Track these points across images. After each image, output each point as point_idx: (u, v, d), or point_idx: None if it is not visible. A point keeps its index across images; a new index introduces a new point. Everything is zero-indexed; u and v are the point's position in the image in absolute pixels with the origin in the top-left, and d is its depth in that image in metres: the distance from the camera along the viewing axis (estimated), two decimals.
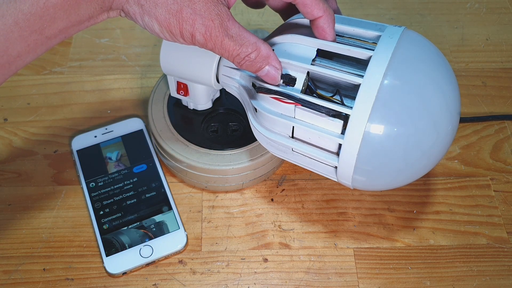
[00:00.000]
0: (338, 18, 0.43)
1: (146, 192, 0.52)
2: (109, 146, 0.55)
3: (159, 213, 0.51)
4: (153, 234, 0.50)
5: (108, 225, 0.50)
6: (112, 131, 0.56)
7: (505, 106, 0.62)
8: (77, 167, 0.54)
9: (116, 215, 0.51)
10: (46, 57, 0.66)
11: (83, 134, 0.56)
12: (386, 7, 0.73)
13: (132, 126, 0.57)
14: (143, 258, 0.48)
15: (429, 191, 0.55)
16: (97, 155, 0.55)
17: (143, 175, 0.53)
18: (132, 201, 0.52)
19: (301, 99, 0.40)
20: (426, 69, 0.40)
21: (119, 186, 0.53)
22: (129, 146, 0.55)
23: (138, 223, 0.50)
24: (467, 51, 0.68)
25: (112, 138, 0.56)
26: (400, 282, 0.49)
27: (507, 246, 0.51)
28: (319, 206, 0.54)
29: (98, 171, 0.54)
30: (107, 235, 0.50)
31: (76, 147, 0.55)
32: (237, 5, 0.73)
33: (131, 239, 0.49)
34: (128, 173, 0.54)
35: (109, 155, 0.55)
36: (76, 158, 0.55)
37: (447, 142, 0.42)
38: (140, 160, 0.55)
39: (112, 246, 0.49)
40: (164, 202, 0.52)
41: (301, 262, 0.50)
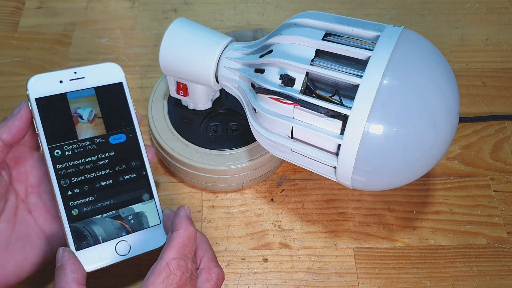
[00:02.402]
0: (338, 18, 0.43)
1: (124, 172, 0.42)
2: (79, 99, 0.42)
3: (139, 202, 0.42)
4: (131, 227, 0.41)
5: (78, 210, 0.40)
6: (83, 77, 0.42)
7: (505, 106, 0.62)
8: (36, 123, 0.40)
9: (88, 198, 0.41)
10: (46, 57, 0.66)
11: (44, 74, 0.41)
12: (386, 7, 0.73)
13: (109, 76, 0.43)
14: (118, 256, 0.40)
15: (429, 191, 0.55)
16: (63, 110, 0.41)
17: (122, 149, 0.43)
18: (107, 182, 0.42)
19: (300, 100, 0.40)
20: (425, 69, 0.40)
21: (92, 159, 0.41)
22: (105, 104, 0.43)
23: (114, 211, 0.41)
24: (467, 51, 0.68)
25: (83, 89, 0.42)
26: (400, 282, 0.49)
27: (507, 246, 0.51)
28: (319, 206, 0.54)
29: (65, 133, 0.41)
30: (77, 224, 0.40)
31: (34, 92, 0.40)
32: (237, 5, 0.73)
33: (105, 231, 0.41)
34: (103, 142, 0.42)
35: (80, 112, 0.42)
36: (35, 110, 0.40)
37: (446, 142, 0.42)
38: (118, 127, 0.43)
39: (83, 238, 0.40)
40: (145, 189, 0.43)
41: (301, 262, 0.50)
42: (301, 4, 0.73)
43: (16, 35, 0.69)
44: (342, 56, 0.42)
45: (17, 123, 0.39)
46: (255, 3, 0.73)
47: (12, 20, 0.70)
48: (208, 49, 0.47)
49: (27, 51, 0.67)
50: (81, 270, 0.37)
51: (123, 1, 0.73)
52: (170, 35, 0.48)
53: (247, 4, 0.73)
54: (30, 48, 0.67)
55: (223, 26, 0.70)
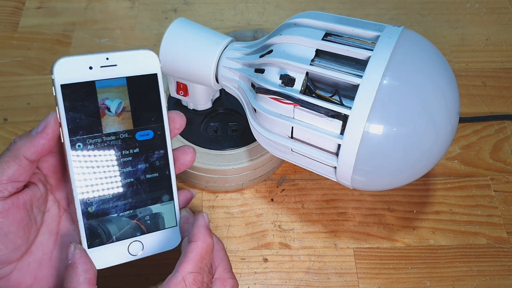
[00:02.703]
0: (338, 18, 0.43)
1: (147, 171, 0.40)
2: (108, 89, 0.38)
3: (158, 203, 0.40)
4: (146, 227, 0.40)
5: (95, 207, 0.38)
6: (115, 65, 0.38)
7: (505, 106, 0.62)
8: (60, 112, 0.36)
9: (107, 196, 0.38)
10: (46, 57, 0.66)
11: (72, 57, 0.37)
12: (386, 7, 0.73)
13: (144, 65, 0.39)
14: (130, 256, 0.39)
15: (429, 191, 0.55)
16: (90, 99, 0.37)
17: (147, 146, 0.40)
18: (128, 180, 0.39)
19: (300, 100, 0.40)
20: (425, 69, 0.40)
21: (115, 155, 0.39)
22: (136, 97, 0.39)
23: (131, 211, 0.39)
24: (467, 51, 0.68)
25: (114, 78, 0.38)
26: (400, 282, 0.49)
27: (507, 246, 0.51)
28: (319, 206, 0.54)
29: (90, 126, 0.38)
30: (93, 221, 0.38)
31: (60, 77, 0.36)
32: (237, 5, 0.73)
33: (120, 230, 0.39)
34: (128, 138, 0.39)
35: (108, 103, 0.38)
36: (59, 97, 0.36)
37: (446, 142, 0.42)
38: (146, 123, 0.39)
39: (97, 236, 0.38)
40: (166, 190, 0.40)
41: (301, 262, 0.50)
42: (301, 4, 0.73)
43: (16, 35, 0.69)
44: (342, 56, 0.42)
45: (43, 142, 0.36)
46: (255, 3, 0.73)
47: (12, 20, 0.71)
48: (208, 49, 0.47)
49: (27, 51, 0.67)
50: (93, 269, 0.35)
51: (123, 1, 0.73)
52: (170, 35, 0.48)
53: (247, 4, 0.73)
54: (30, 48, 0.67)
55: (223, 26, 0.70)
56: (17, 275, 0.37)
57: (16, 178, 0.35)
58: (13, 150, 0.35)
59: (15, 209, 0.36)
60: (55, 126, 0.36)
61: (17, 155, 0.35)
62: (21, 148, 0.35)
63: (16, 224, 0.36)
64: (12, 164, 0.35)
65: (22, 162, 0.35)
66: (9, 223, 0.35)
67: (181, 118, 0.41)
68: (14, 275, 0.37)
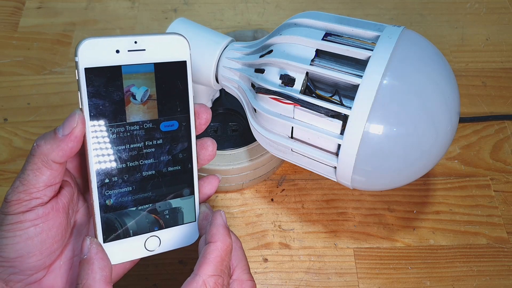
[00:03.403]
0: (338, 18, 0.43)
1: (169, 163, 0.38)
2: (134, 75, 0.36)
3: (178, 197, 0.38)
4: (165, 222, 0.38)
5: (113, 200, 0.36)
6: (143, 49, 0.36)
7: (505, 106, 0.62)
8: (82, 97, 0.34)
9: (126, 189, 0.36)
10: (46, 57, 0.66)
11: (98, 39, 0.34)
12: (386, 7, 0.73)
13: (173, 51, 0.37)
14: (146, 251, 0.37)
15: (429, 191, 0.55)
16: (115, 86, 0.35)
17: (171, 138, 0.38)
18: (149, 172, 0.37)
19: (300, 100, 0.40)
20: (425, 69, 0.40)
21: (137, 146, 0.36)
22: (163, 85, 0.37)
23: (150, 204, 0.37)
24: (467, 51, 0.68)
25: (141, 63, 0.36)
26: (400, 282, 0.49)
27: (507, 246, 0.51)
28: (319, 206, 0.54)
29: (113, 114, 0.35)
30: (110, 214, 0.36)
31: (84, 60, 0.34)
32: (237, 5, 0.73)
33: (137, 225, 0.37)
34: (152, 128, 0.37)
35: (133, 90, 0.36)
36: (82, 82, 0.34)
37: (446, 142, 0.42)
38: (172, 113, 0.37)
39: (113, 230, 0.36)
40: (187, 184, 0.39)
41: (301, 262, 0.50)
42: (301, 4, 0.73)
43: (16, 35, 0.69)
44: (342, 56, 0.42)
45: (71, 145, 0.34)
46: (255, 3, 0.73)
47: (12, 20, 0.71)
48: (208, 49, 0.47)
49: (27, 51, 0.67)
50: (109, 266, 0.34)
51: (123, 1, 0.73)
52: None
53: (247, 4, 0.73)
54: (30, 48, 0.67)
55: (223, 26, 0.70)
56: (49, 279, 0.36)
57: (52, 182, 0.34)
58: (40, 156, 0.33)
59: (55, 213, 0.34)
60: (83, 127, 0.34)
61: (46, 160, 0.33)
62: (49, 153, 0.33)
63: (55, 228, 0.35)
64: (44, 170, 0.33)
65: (52, 166, 0.34)
66: (48, 229, 0.34)
67: (207, 112, 0.39)
68: (46, 280, 0.36)
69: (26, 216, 0.33)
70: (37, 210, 0.34)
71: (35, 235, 0.34)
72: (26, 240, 0.33)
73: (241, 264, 0.37)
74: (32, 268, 0.34)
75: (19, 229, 0.33)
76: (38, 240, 0.34)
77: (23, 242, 0.33)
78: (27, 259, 0.34)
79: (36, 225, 0.34)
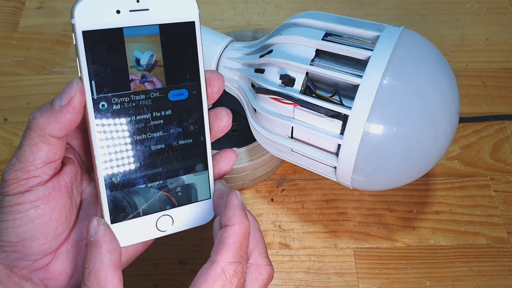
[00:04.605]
0: (338, 18, 0.43)
1: (180, 136, 0.35)
2: (137, 38, 0.32)
3: (191, 172, 0.35)
4: (177, 200, 0.35)
5: (119, 177, 0.33)
6: (146, 9, 0.32)
7: (505, 106, 0.62)
8: (81, 64, 0.31)
9: (134, 164, 0.33)
10: (46, 57, 0.66)
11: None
12: (386, 7, 0.73)
13: (179, 11, 0.33)
14: (158, 232, 0.34)
15: (429, 191, 0.55)
16: (116, 50, 0.32)
17: (181, 108, 0.34)
18: (158, 146, 0.34)
19: (300, 100, 0.41)
20: (425, 69, 0.40)
21: (144, 118, 0.33)
22: (169, 49, 0.33)
23: (161, 181, 0.34)
24: (467, 51, 0.68)
25: (145, 25, 0.32)
26: (400, 282, 0.49)
27: (507, 246, 0.51)
28: (319, 206, 0.54)
29: (116, 82, 0.32)
30: (117, 192, 0.33)
31: (82, 23, 0.30)
32: (237, 5, 0.73)
33: (147, 204, 0.34)
34: (160, 98, 0.33)
35: (137, 54, 0.32)
36: (80, 46, 0.31)
37: (446, 142, 0.42)
38: (180, 80, 0.34)
39: (122, 210, 0.33)
40: (200, 158, 0.36)
41: (301, 262, 0.50)
42: (301, 4, 0.73)
43: (16, 35, 0.69)
44: (342, 56, 0.42)
45: (69, 117, 0.30)
46: (255, 3, 0.73)
47: (12, 20, 0.70)
48: (208, 49, 0.47)
49: (27, 51, 0.67)
50: (118, 249, 0.31)
51: None
52: None
53: (247, 4, 0.73)
54: (30, 48, 0.67)
55: (223, 26, 0.70)
56: (57, 264, 0.34)
57: (51, 159, 0.31)
58: (37, 130, 0.31)
59: (57, 193, 0.32)
60: (82, 97, 0.31)
61: (43, 134, 0.30)
62: (46, 126, 0.30)
63: (58, 210, 0.32)
64: (41, 145, 0.31)
65: (50, 141, 0.31)
66: (50, 210, 0.32)
67: (220, 79, 0.35)
68: (53, 265, 0.33)
69: (25, 197, 0.31)
70: (36, 191, 0.31)
71: (36, 217, 0.31)
72: (27, 223, 0.31)
73: (258, 247, 0.34)
74: (36, 253, 0.32)
75: (18, 211, 0.31)
76: (40, 222, 0.31)
77: (24, 225, 0.31)
78: (30, 243, 0.32)
79: (37, 207, 0.31)
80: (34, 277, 0.33)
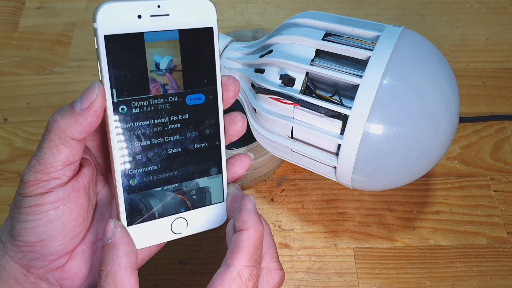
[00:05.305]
0: (338, 18, 0.43)
1: (196, 140, 0.35)
2: (158, 43, 0.33)
3: (205, 176, 0.36)
4: (192, 203, 0.35)
5: (137, 180, 0.34)
6: (167, 14, 0.32)
7: (505, 106, 0.62)
8: (101, 68, 0.31)
9: (151, 168, 0.34)
10: (46, 57, 0.66)
11: (118, 2, 0.31)
12: (386, 7, 0.73)
13: (198, 16, 0.34)
14: (173, 234, 0.35)
15: (429, 191, 0.55)
16: (137, 55, 0.32)
17: (197, 112, 0.35)
18: (175, 150, 0.35)
19: (300, 100, 0.40)
20: (425, 69, 0.40)
21: (162, 121, 0.34)
22: (188, 54, 0.34)
23: (176, 184, 0.35)
24: (467, 51, 0.68)
25: (165, 30, 0.33)
26: (400, 282, 0.49)
27: (507, 246, 0.51)
28: (319, 206, 0.54)
29: (136, 86, 0.32)
30: (134, 195, 0.33)
31: (104, 27, 0.31)
32: (237, 5, 0.73)
33: (163, 206, 0.35)
34: (178, 102, 0.34)
35: (156, 59, 0.33)
36: (102, 50, 0.31)
37: (446, 142, 0.42)
38: (198, 85, 0.34)
39: (138, 212, 0.34)
40: (215, 161, 0.36)
41: (301, 262, 0.50)
42: (301, 4, 0.73)
43: (16, 35, 0.69)
44: (342, 56, 0.42)
45: (90, 120, 0.31)
46: (255, 3, 0.73)
47: (12, 20, 0.70)
48: None
49: (27, 51, 0.67)
50: (134, 252, 0.31)
51: None
52: None
53: (247, 4, 0.73)
54: (30, 48, 0.67)
55: (223, 26, 0.70)
56: (73, 265, 0.34)
57: (71, 160, 0.31)
58: (57, 132, 0.31)
59: (76, 194, 0.32)
60: (103, 100, 0.31)
61: (63, 137, 0.31)
62: (66, 129, 0.31)
63: (77, 210, 0.32)
64: (61, 147, 0.31)
65: (71, 143, 0.31)
66: (69, 211, 0.32)
67: (235, 84, 0.36)
68: (70, 265, 0.34)
69: (45, 198, 0.31)
70: (57, 192, 0.31)
71: (55, 218, 0.31)
72: (46, 223, 0.31)
73: (270, 252, 0.34)
74: (54, 253, 0.32)
75: (38, 212, 0.31)
76: (60, 223, 0.32)
77: (44, 225, 0.31)
78: (48, 244, 0.32)
79: (56, 208, 0.31)
80: (50, 277, 0.33)
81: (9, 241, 0.32)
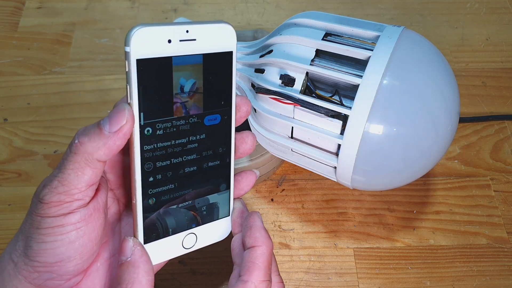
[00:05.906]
0: (338, 18, 0.43)
1: (209, 158, 0.36)
2: (183, 67, 0.33)
3: (215, 192, 0.37)
4: (202, 218, 0.37)
5: (155, 199, 0.34)
6: (194, 39, 0.33)
7: (505, 106, 0.62)
8: (131, 91, 0.31)
9: (169, 186, 0.35)
10: (46, 57, 0.66)
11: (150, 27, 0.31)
12: (386, 7, 0.73)
13: (221, 41, 0.34)
14: (183, 249, 0.36)
15: (429, 191, 0.55)
16: (165, 78, 0.32)
17: (213, 132, 0.36)
18: (191, 168, 0.35)
19: (300, 100, 0.40)
20: (425, 69, 0.40)
21: (182, 142, 0.34)
22: (210, 77, 0.34)
23: (190, 201, 0.36)
24: (467, 51, 0.68)
25: (192, 54, 0.33)
26: (400, 282, 0.49)
27: (507, 246, 0.51)
28: (319, 206, 0.54)
29: (161, 108, 0.33)
30: (152, 214, 0.34)
31: (137, 51, 0.31)
32: (237, 5, 0.73)
33: (177, 223, 0.35)
34: (197, 123, 0.35)
35: (181, 82, 0.33)
36: (133, 74, 0.31)
37: (446, 142, 0.42)
38: (215, 106, 0.35)
39: (154, 230, 0.34)
40: (224, 178, 0.37)
41: (301, 262, 0.50)
42: (301, 4, 0.73)
43: (16, 35, 0.69)
44: (342, 56, 0.42)
45: (119, 143, 0.31)
46: (255, 3, 0.73)
47: (12, 20, 0.70)
48: None
49: (27, 51, 0.67)
50: (152, 269, 0.32)
51: (123, 1, 0.73)
52: None
53: (247, 4, 0.73)
54: (30, 48, 0.67)
55: None
56: (87, 283, 0.34)
57: (93, 181, 0.31)
58: (84, 154, 0.30)
59: (97, 214, 0.32)
60: (132, 124, 0.31)
61: (90, 159, 0.31)
62: (94, 152, 0.30)
63: (96, 230, 0.32)
64: (86, 169, 0.31)
65: (96, 165, 0.31)
66: (89, 231, 0.32)
67: (247, 104, 0.37)
68: (84, 284, 0.34)
69: (67, 219, 0.31)
70: (79, 213, 0.31)
71: (76, 238, 0.31)
72: (67, 244, 0.31)
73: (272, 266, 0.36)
74: (70, 272, 0.32)
75: (60, 233, 0.31)
76: (80, 243, 0.32)
77: (64, 246, 0.31)
78: (66, 264, 0.32)
79: (78, 229, 0.31)
80: None
81: (23, 261, 0.32)
